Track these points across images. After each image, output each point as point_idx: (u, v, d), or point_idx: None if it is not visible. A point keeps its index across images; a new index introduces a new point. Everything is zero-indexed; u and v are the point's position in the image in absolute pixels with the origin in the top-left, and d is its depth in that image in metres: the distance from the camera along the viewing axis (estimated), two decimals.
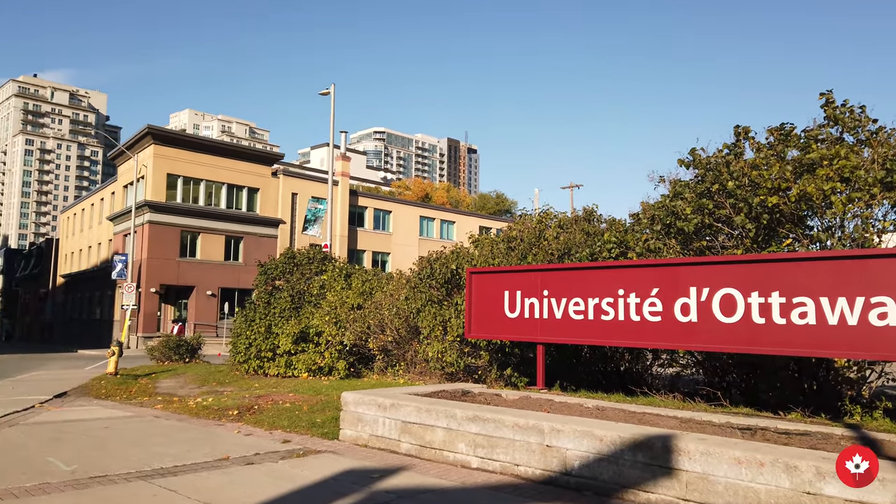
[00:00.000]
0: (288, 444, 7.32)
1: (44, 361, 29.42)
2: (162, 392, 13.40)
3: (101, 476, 5.76)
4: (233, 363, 17.11)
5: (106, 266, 48.10)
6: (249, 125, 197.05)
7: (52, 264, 67.46)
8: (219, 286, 43.97)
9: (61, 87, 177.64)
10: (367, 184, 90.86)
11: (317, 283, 16.67)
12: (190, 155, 43.79)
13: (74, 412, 10.40)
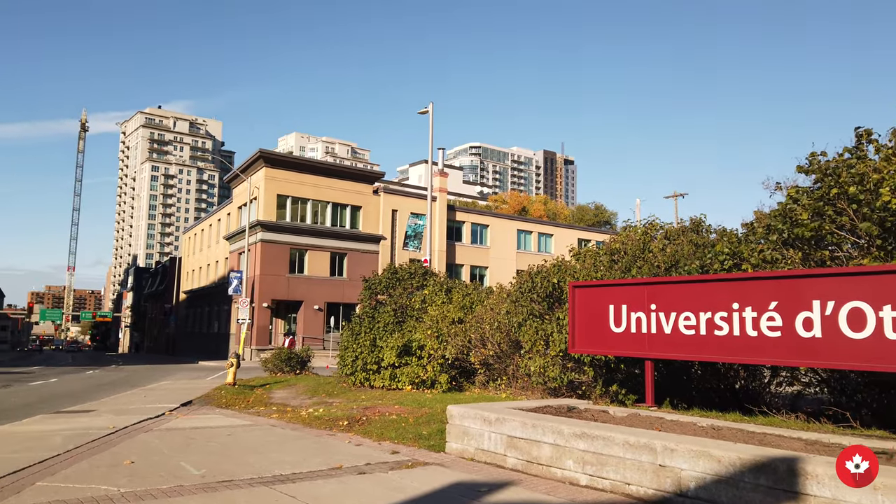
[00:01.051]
0: (397, 455, 7.50)
1: (169, 372, 31.68)
2: (276, 402, 14.09)
3: (228, 481, 6.15)
4: (340, 375, 17.74)
5: (223, 282, 51.25)
6: (351, 145, 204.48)
7: (176, 281, 72.66)
8: (325, 300, 45.74)
9: (182, 116, 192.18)
10: (463, 199, 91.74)
11: (418, 297, 17.00)
12: (297, 176, 46.05)
13: (199, 420, 11.14)
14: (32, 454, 7.43)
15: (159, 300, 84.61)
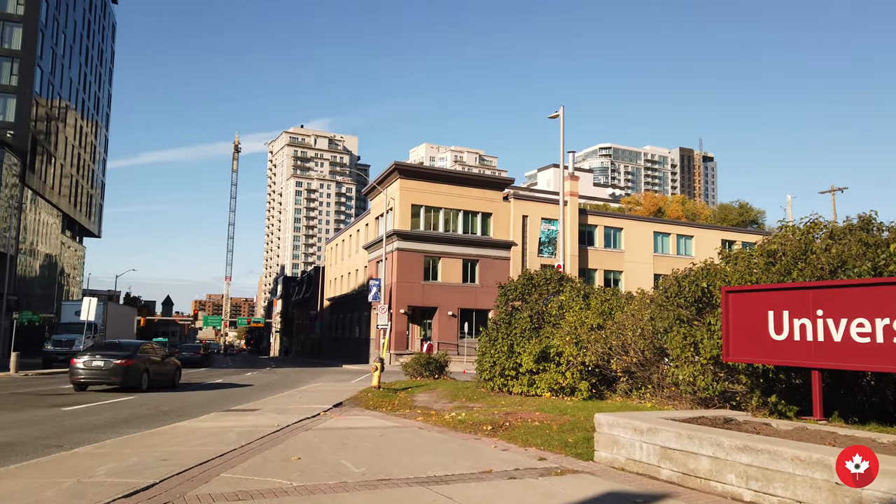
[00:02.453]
0: (544, 462, 7.51)
1: (317, 375, 33.66)
2: (419, 405, 14.56)
3: (386, 479, 6.48)
4: (478, 380, 17.99)
5: (362, 290, 53.70)
6: (479, 153, 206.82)
7: (320, 289, 77.14)
8: (458, 307, 46.55)
9: (322, 134, 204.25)
10: (594, 202, 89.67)
11: (555, 303, 16.87)
12: (429, 185, 47.34)
13: (351, 420, 11.78)
14: (213, 448, 8.24)
15: (305, 307, 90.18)
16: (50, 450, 8.69)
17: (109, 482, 6.11)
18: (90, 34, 73.86)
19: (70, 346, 34.34)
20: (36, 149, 55.79)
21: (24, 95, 53.74)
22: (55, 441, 9.57)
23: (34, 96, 54.48)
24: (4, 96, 53.35)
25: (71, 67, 66.01)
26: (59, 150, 63.19)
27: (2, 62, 53.60)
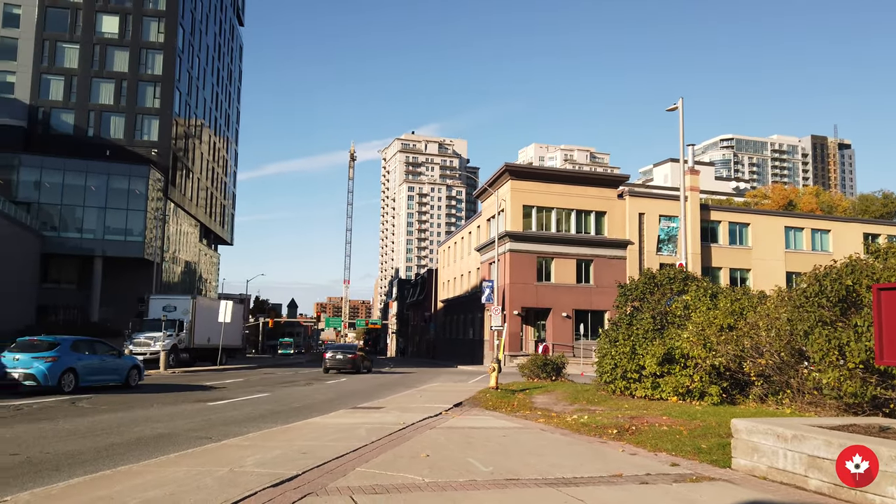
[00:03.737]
0: (677, 468, 7.25)
1: (434, 375, 34.29)
2: (539, 407, 14.48)
3: (515, 479, 6.51)
4: (598, 383, 17.63)
5: (475, 291, 54.13)
6: (590, 150, 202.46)
7: (433, 291, 78.58)
8: (572, 308, 45.80)
9: (432, 139, 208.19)
10: (717, 196, 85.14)
11: (679, 303, 16.20)
12: (541, 185, 46.96)
13: (472, 420, 11.92)
14: (346, 443, 8.64)
15: (419, 309, 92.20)
16: (201, 441, 9.46)
17: (258, 472, 6.58)
18: (220, 56, 79.65)
19: (147, 347, 31.47)
20: (176, 165, 60.89)
21: (166, 116, 58.84)
22: (205, 433, 10.40)
23: (174, 117, 59.50)
24: (149, 118, 58.68)
25: (204, 88, 71.49)
26: (195, 166, 68.62)
27: (146, 87, 58.98)
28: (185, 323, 34.41)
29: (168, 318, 32.95)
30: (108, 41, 58.54)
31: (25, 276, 46.92)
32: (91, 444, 9.01)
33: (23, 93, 56.45)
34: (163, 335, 31.73)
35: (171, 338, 32.47)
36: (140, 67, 58.88)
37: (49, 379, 16.44)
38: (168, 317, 33.23)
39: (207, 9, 71.95)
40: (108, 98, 58.03)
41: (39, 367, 16.41)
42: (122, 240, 53.49)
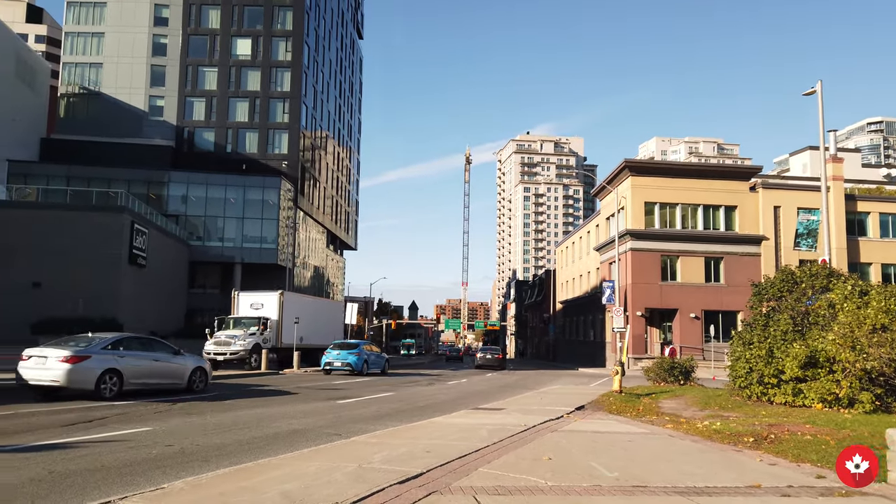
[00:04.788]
0: (823, 481, 6.69)
1: (554, 377, 33.86)
2: (666, 412, 13.88)
3: (642, 486, 6.29)
4: (732, 387, 16.64)
5: (595, 292, 52.86)
6: (717, 142, 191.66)
7: (551, 292, 77.61)
8: (701, 308, 43.54)
9: (547, 138, 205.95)
10: (864, 185, 77.58)
11: (823, 301, 14.93)
12: (663, 181, 45.06)
13: (596, 424, 11.64)
14: (469, 443, 8.73)
15: (538, 310, 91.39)
16: (331, 437, 9.93)
17: (384, 469, 6.80)
18: (342, 70, 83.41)
19: (227, 347, 28.44)
20: (304, 175, 64.44)
21: (294, 130, 62.48)
22: (335, 430, 10.90)
23: (301, 130, 63.06)
24: (279, 132, 62.59)
25: (328, 101, 75.17)
26: (321, 175, 72.28)
27: (276, 103, 62.97)
28: (270, 321, 31.26)
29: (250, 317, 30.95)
30: (242, 63, 63.08)
31: (177, 283, 51.51)
32: (234, 438, 9.73)
33: (170, 115, 62.16)
34: (243, 333, 29.13)
35: (253, 336, 29.35)
36: (271, 85, 62.95)
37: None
38: (255, 314, 31.36)
39: (329, 25, 75.64)
40: (243, 115, 62.55)
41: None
42: (258, 247, 57.37)
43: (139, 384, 15.82)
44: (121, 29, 63.09)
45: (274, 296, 32.46)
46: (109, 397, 14.68)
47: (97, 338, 15.64)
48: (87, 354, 14.57)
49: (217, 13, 63.36)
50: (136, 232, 40.64)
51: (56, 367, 14.06)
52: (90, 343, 15.14)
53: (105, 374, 14.66)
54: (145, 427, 10.54)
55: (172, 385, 16.83)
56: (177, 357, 17.15)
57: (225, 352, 28.17)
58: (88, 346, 14.95)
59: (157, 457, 7.98)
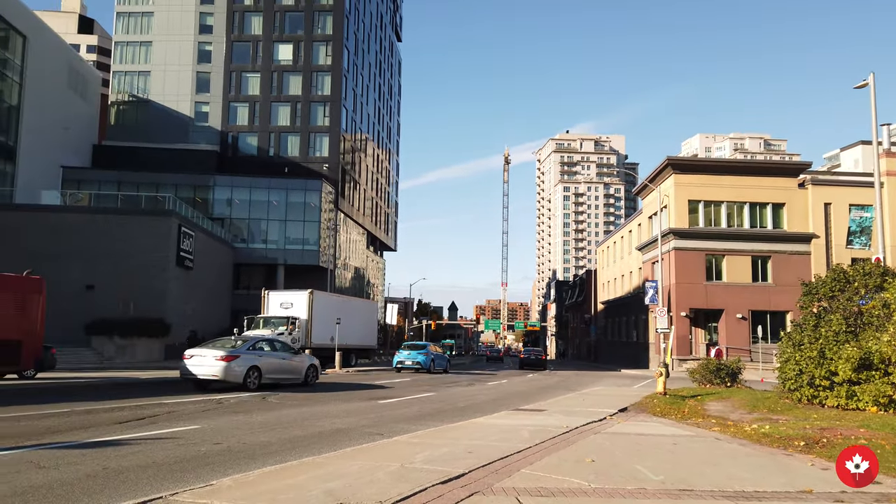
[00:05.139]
0: (878, 487, 6.46)
1: (596, 379, 33.48)
2: (713, 415, 13.59)
3: (688, 490, 6.17)
4: (781, 390, 16.20)
5: (638, 293, 52.08)
6: (763, 138, 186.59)
7: (592, 292, 76.77)
8: (748, 308, 42.49)
9: (587, 137, 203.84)
10: None
11: (878, 301, 14.41)
12: (707, 178, 44.15)
13: (639, 426, 11.47)
14: (510, 444, 8.71)
15: (579, 310, 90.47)
16: (374, 437, 10.03)
17: (426, 469, 6.84)
18: (381, 72, 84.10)
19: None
20: (344, 178, 65.18)
21: (335, 133, 63.26)
22: (377, 429, 11.01)
23: (342, 133, 63.79)
24: (320, 135, 63.45)
25: (367, 104, 75.88)
26: (361, 177, 73.00)
27: (317, 107, 63.86)
28: (299, 320, 30.57)
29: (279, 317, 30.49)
30: (284, 67, 64.16)
31: (222, 284, 52.65)
32: (279, 436, 9.91)
33: (215, 120, 63.62)
34: (270, 333, 28.49)
35: (281, 336, 28.45)
36: (311, 89, 63.87)
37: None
38: (285, 313, 30.83)
39: (369, 29, 76.36)
40: (285, 120, 63.62)
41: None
42: (301, 249, 58.24)
43: (272, 378, 19.03)
44: (167, 38, 64.87)
45: (303, 295, 31.84)
46: (253, 389, 17.89)
47: (240, 340, 19.55)
48: (236, 354, 17.97)
49: (259, 19, 64.60)
50: (184, 235, 41.70)
51: (215, 364, 17.47)
52: (236, 345, 18.69)
53: (250, 369, 18.00)
54: (194, 425, 10.82)
55: (293, 380, 20.13)
56: (296, 356, 20.90)
57: None
58: (235, 347, 18.48)
59: (206, 454, 8.19)
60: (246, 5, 64.53)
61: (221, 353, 17.85)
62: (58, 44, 54.54)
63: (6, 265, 24.32)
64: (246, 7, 64.56)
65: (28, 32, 48.12)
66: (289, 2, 64.74)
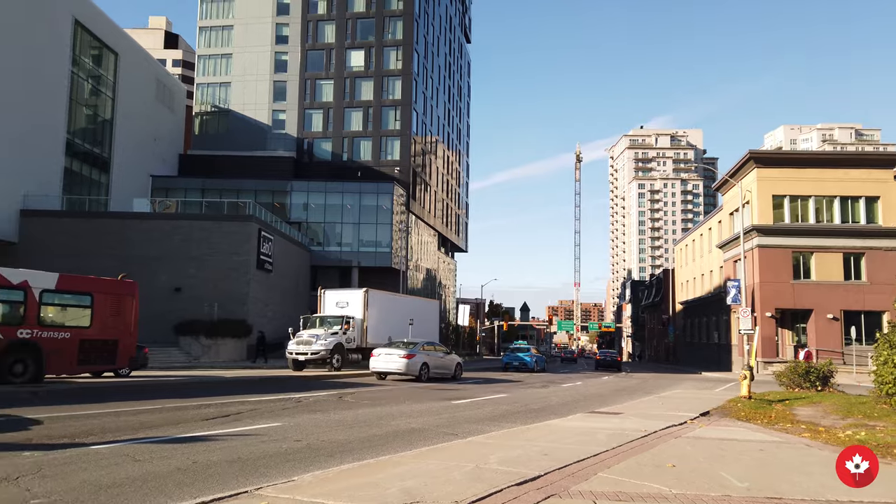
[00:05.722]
0: None
1: (675, 381, 32.46)
2: (802, 420, 12.91)
3: (776, 498, 5.89)
4: (877, 395, 15.23)
5: (719, 292, 50.14)
6: (854, 127, 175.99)
7: (670, 292, 74.47)
8: (840, 308, 40.14)
9: (662, 132, 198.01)
10: None
11: None
12: (793, 172, 42.04)
13: (723, 431, 11.03)
14: (586, 447, 8.56)
15: (656, 311, 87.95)
16: (448, 437, 10.08)
17: (501, 470, 6.82)
18: (451, 74, 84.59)
19: (308, 346, 27.42)
20: (415, 180, 65.93)
21: (405, 136, 64.12)
22: (451, 430, 11.06)
23: (412, 136, 64.58)
24: (391, 139, 64.47)
25: (437, 106, 76.48)
26: (432, 179, 73.63)
27: (388, 111, 64.92)
28: (354, 320, 29.93)
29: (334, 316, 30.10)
30: (356, 74, 65.56)
31: (300, 286, 54.27)
32: (356, 435, 10.12)
33: (291, 127, 65.74)
34: (325, 333, 28.19)
35: (335, 336, 28.23)
36: (383, 94, 64.98)
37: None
38: (340, 312, 30.39)
39: (438, 31, 76.96)
40: (357, 125, 64.99)
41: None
42: (374, 251, 59.32)
43: (434, 373, 24.52)
44: (246, 49, 67.53)
45: (358, 293, 31.44)
46: (424, 381, 23.51)
47: (412, 342, 25.05)
48: (414, 353, 23.58)
49: (332, 28, 66.27)
50: (263, 239, 43.25)
51: (399, 361, 23.29)
52: (412, 346, 24.33)
53: (422, 365, 23.73)
54: (275, 422, 11.19)
55: (446, 374, 25.71)
56: (448, 355, 26.54)
57: (306, 351, 27.29)
58: (414, 347, 24.17)
59: (287, 451, 8.46)
60: (319, 14, 66.36)
61: (404, 352, 23.53)
62: (146, 59, 57.74)
63: (103, 270, 25.97)
64: (319, 16, 66.38)
65: (119, 50, 51.19)
66: (360, 8, 66.12)
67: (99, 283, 19.73)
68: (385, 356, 23.61)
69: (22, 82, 39.81)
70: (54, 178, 43.60)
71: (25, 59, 40.13)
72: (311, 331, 28.70)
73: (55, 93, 43.55)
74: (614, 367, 50.59)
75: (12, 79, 38.85)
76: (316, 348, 27.28)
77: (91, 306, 18.77)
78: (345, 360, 28.47)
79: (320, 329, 28.89)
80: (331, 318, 29.89)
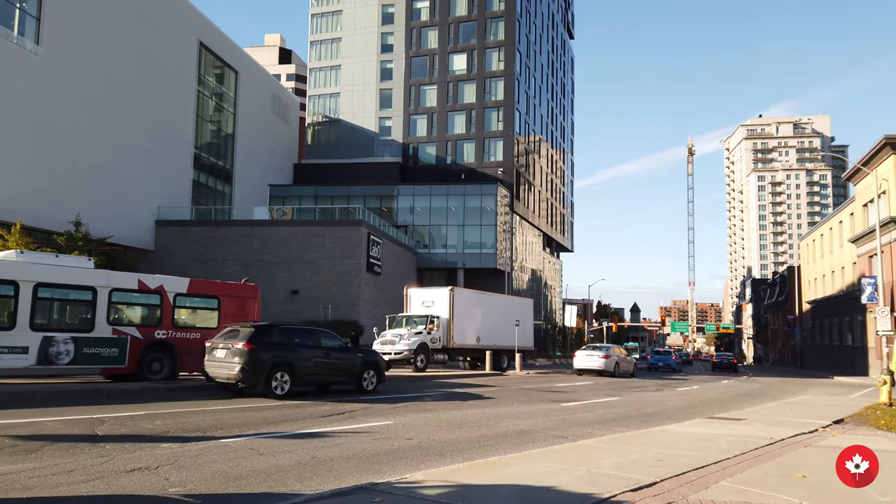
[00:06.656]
0: None
1: (803, 386, 30.27)
2: None
3: None
4: None
5: (852, 290, 46.25)
6: None
7: (796, 291, 69.52)
8: None
9: (783, 120, 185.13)
10: None
11: None
12: None
13: (859, 440, 10.12)
14: (705, 454, 8.16)
15: (780, 311, 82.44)
16: (558, 440, 9.94)
17: (615, 475, 6.63)
18: (553, 72, 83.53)
19: (392, 346, 27.01)
20: (519, 180, 65.64)
21: (508, 137, 63.99)
22: (560, 432, 10.90)
23: (515, 136, 64.35)
24: (494, 140, 64.56)
25: (540, 105, 75.77)
26: (535, 179, 73.00)
27: (490, 112, 65.08)
28: (439, 319, 29.24)
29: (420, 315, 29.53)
30: (459, 77, 66.24)
31: None
32: (465, 435, 10.20)
33: (397, 133, 67.46)
34: (408, 332, 27.77)
35: (419, 335, 27.76)
36: (485, 96, 65.24)
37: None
38: (426, 311, 29.84)
39: (540, 30, 76.27)
40: (460, 128, 65.63)
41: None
42: (478, 252, 59.61)
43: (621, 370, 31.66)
44: (353, 60, 70.04)
45: (444, 292, 30.53)
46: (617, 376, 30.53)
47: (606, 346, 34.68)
48: (609, 354, 31.43)
49: (435, 33, 67.34)
50: (372, 243, 44.63)
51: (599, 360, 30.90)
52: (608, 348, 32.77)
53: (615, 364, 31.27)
54: (387, 421, 11.50)
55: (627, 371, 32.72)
56: (629, 357, 34.39)
57: (389, 351, 26.52)
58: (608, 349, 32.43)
59: (399, 449, 8.67)
60: (422, 21, 67.64)
61: (602, 353, 30.84)
62: (263, 75, 61.31)
63: (228, 274, 27.80)
64: (423, 23, 67.65)
65: (239, 68, 54.68)
66: (462, 12, 66.76)
67: (225, 286, 21.09)
68: (586, 357, 30.98)
69: (154, 103, 43.43)
70: (184, 191, 47.22)
71: (156, 80, 43.74)
72: (395, 330, 28.45)
73: (183, 111, 47.18)
74: (732, 369, 51.10)
75: (146, 99, 42.49)
76: (399, 348, 26.90)
77: (218, 308, 20.07)
78: (429, 360, 27.83)
79: (405, 329, 28.51)
80: (416, 318, 29.35)
